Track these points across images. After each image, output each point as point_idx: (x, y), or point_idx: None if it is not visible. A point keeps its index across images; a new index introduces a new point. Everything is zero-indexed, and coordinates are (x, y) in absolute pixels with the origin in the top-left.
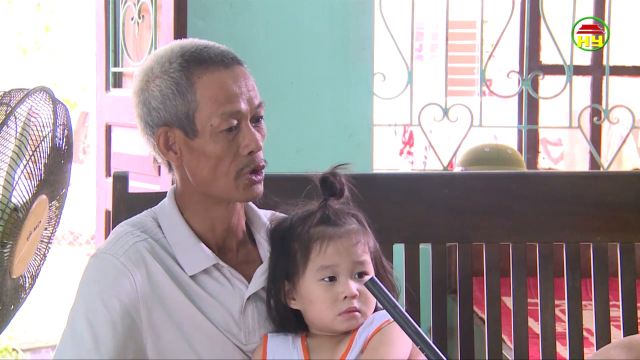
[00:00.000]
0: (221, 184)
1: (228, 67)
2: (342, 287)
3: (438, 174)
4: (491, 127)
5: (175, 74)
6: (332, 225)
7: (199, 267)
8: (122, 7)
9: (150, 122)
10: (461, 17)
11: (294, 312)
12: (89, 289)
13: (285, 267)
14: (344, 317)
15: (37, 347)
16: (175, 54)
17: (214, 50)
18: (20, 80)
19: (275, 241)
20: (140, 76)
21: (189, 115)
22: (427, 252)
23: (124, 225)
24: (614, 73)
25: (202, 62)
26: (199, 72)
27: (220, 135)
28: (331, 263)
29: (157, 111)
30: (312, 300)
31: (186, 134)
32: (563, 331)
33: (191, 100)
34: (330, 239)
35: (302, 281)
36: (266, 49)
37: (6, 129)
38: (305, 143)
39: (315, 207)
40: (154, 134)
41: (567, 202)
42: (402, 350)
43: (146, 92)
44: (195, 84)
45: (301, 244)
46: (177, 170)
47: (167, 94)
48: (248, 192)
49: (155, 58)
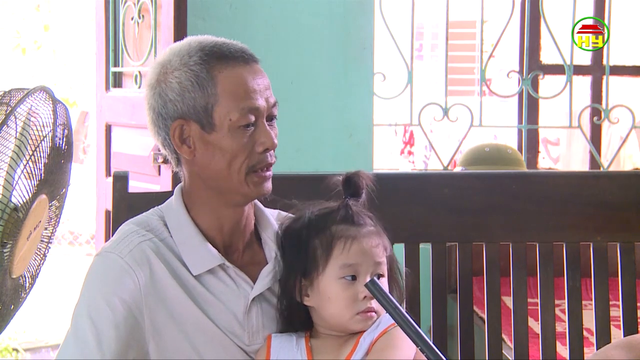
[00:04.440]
0: (233, 179)
1: (248, 64)
2: (362, 287)
3: (438, 173)
4: (491, 127)
5: (195, 67)
6: (355, 224)
7: (204, 267)
8: (122, 7)
9: (164, 114)
10: (461, 17)
11: (304, 309)
12: (92, 287)
13: (303, 263)
14: (361, 317)
15: (37, 347)
16: (194, 48)
17: (233, 46)
18: (20, 79)
19: (291, 238)
20: (156, 69)
21: (208, 108)
22: (427, 252)
23: (130, 224)
24: (614, 73)
25: (223, 57)
26: (219, 67)
27: (238, 130)
28: (354, 262)
29: (174, 103)
30: (330, 297)
31: (203, 127)
32: (563, 331)
33: (211, 94)
34: (354, 238)
35: (321, 278)
36: (266, 48)
37: (6, 129)
38: (305, 143)
39: (334, 206)
40: (168, 126)
41: (567, 202)
42: (407, 353)
43: (163, 84)
44: (216, 78)
45: (323, 241)
46: (187, 166)
47: (186, 86)
48: (258, 188)
49: (172, 52)
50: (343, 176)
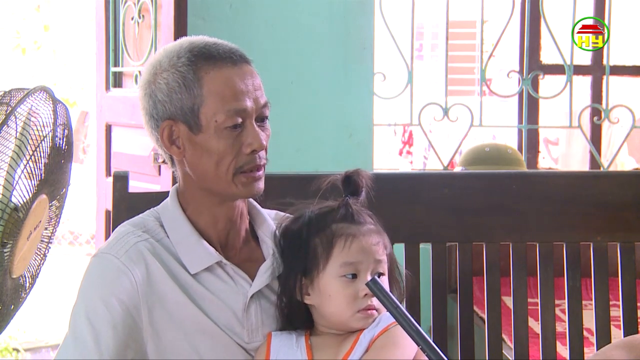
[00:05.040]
0: (221, 180)
1: (236, 65)
2: (362, 285)
3: (438, 173)
4: (491, 127)
5: (182, 68)
6: (355, 223)
7: (202, 265)
8: (122, 7)
9: (155, 115)
10: (461, 17)
11: (304, 308)
12: (89, 289)
13: (304, 262)
14: (362, 314)
15: (38, 347)
16: (184, 49)
17: (222, 47)
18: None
19: (291, 237)
20: (148, 69)
21: (194, 109)
22: (427, 252)
23: (126, 225)
24: (614, 73)
25: (210, 58)
26: (206, 68)
27: (225, 131)
28: (355, 260)
29: (163, 104)
30: (331, 295)
31: (190, 128)
32: (563, 331)
33: (197, 95)
34: (355, 236)
35: (321, 276)
36: (266, 48)
37: (6, 129)
38: (305, 143)
39: (334, 205)
40: (159, 127)
41: (567, 202)
42: (407, 351)
43: (153, 85)
44: (202, 79)
45: (323, 239)
46: (179, 166)
47: (173, 87)
48: (247, 189)
49: (164, 52)
50: (342, 175)
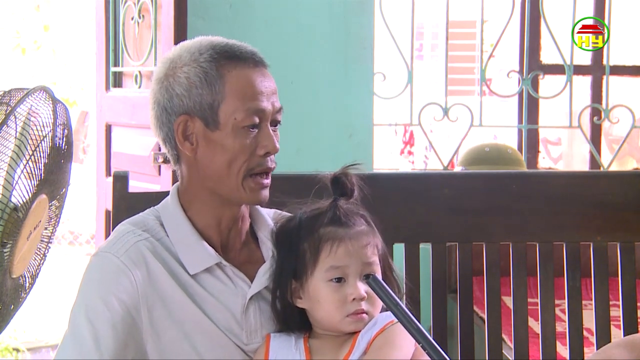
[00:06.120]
0: (231, 181)
1: (257, 67)
2: (350, 289)
3: (438, 173)
4: (491, 127)
5: (205, 63)
6: (343, 226)
7: (201, 266)
8: (122, 7)
9: (169, 108)
10: (461, 17)
11: (298, 311)
12: (89, 288)
13: (293, 266)
14: (351, 319)
15: (38, 347)
16: (205, 46)
17: (244, 48)
18: (20, 79)
19: (282, 240)
20: (165, 64)
21: (214, 106)
22: (427, 252)
23: (126, 224)
24: (614, 73)
25: (233, 57)
26: (229, 66)
27: (242, 131)
28: (341, 264)
29: (180, 98)
30: (320, 300)
31: (207, 125)
32: (563, 331)
33: (218, 92)
34: (341, 240)
35: (310, 280)
36: (266, 48)
37: (6, 129)
38: (305, 143)
39: (324, 207)
40: (172, 121)
41: (567, 202)
42: (405, 351)
43: (171, 78)
44: (225, 77)
45: (311, 243)
46: (186, 164)
47: (194, 82)
48: (254, 195)
49: (182, 48)
50: (330, 176)
